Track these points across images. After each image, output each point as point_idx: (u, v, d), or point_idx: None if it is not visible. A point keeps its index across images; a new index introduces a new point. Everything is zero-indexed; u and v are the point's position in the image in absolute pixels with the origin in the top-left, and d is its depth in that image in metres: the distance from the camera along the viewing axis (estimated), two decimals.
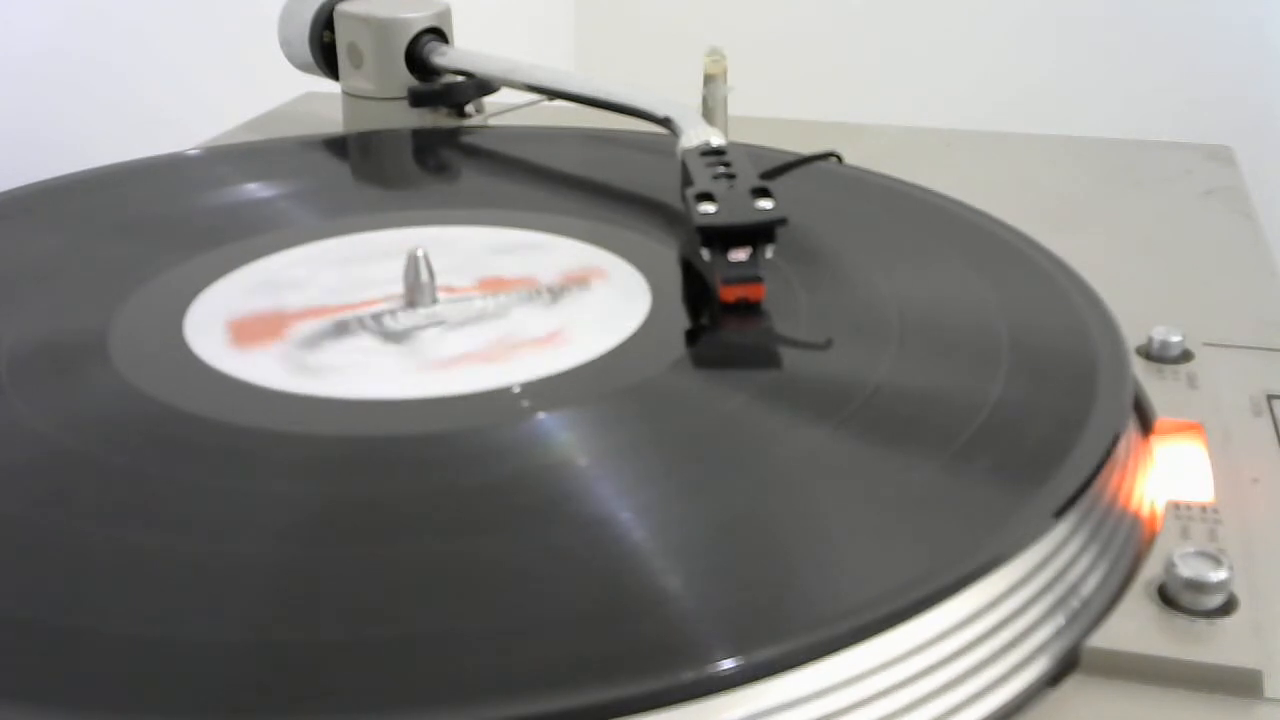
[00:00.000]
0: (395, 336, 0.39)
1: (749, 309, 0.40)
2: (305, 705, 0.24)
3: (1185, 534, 0.32)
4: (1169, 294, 0.47)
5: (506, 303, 0.41)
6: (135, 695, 0.25)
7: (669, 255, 0.45)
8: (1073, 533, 0.30)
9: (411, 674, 0.25)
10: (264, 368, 0.37)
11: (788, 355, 0.39)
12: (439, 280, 0.41)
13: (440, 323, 0.40)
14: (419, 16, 0.61)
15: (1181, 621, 0.29)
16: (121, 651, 0.26)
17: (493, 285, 0.42)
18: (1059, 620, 0.29)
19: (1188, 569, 0.29)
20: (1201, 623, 0.29)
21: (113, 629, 0.26)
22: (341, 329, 0.39)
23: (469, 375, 0.36)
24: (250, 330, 0.39)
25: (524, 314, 0.40)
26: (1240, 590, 0.29)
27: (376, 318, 0.40)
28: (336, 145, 0.59)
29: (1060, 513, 0.30)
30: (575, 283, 0.42)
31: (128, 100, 0.74)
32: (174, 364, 0.37)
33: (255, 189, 0.52)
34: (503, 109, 0.64)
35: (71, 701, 0.24)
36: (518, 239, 0.46)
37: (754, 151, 0.46)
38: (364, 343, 0.38)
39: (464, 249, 0.45)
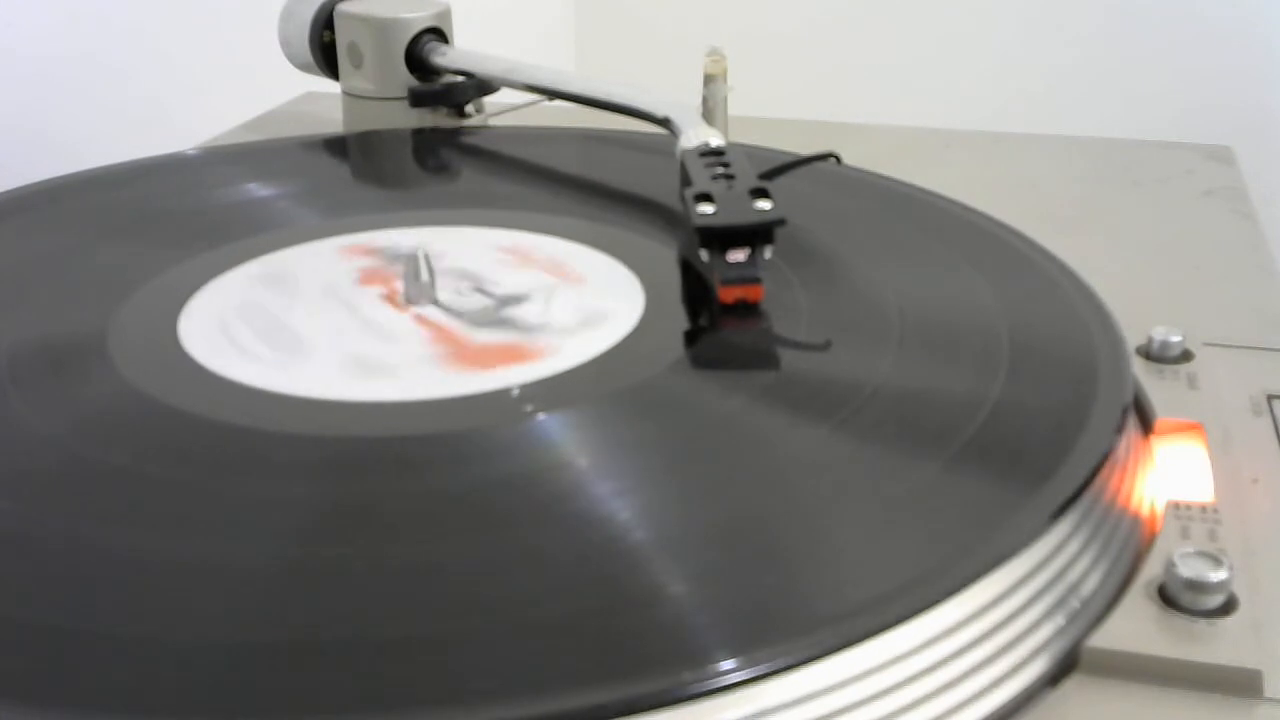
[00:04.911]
0: (506, 299, 0.40)
1: (748, 309, 0.40)
2: (303, 705, 0.24)
3: (1185, 534, 0.32)
4: (1169, 294, 0.47)
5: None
6: (134, 695, 0.25)
7: (668, 255, 0.45)
8: (1073, 533, 0.30)
9: (411, 674, 0.25)
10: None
11: (787, 356, 0.39)
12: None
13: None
14: (419, 16, 0.61)
15: (1181, 621, 0.29)
16: (120, 651, 0.26)
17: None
18: (1059, 620, 0.28)
19: (1188, 569, 0.29)
20: (1201, 623, 0.29)
21: (111, 629, 0.26)
22: (485, 318, 0.40)
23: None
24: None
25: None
26: (1240, 590, 0.29)
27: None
28: (336, 145, 0.59)
29: (1060, 513, 0.30)
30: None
31: (128, 100, 0.74)
32: (174, 364, 0.37)
33: (255, 189, 0.52)
34: (503, 109, 0.64)
35: (71, 701, 0.24)
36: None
37: (753, 152, 0.46)
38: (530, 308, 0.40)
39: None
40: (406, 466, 0.32)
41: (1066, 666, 0.28)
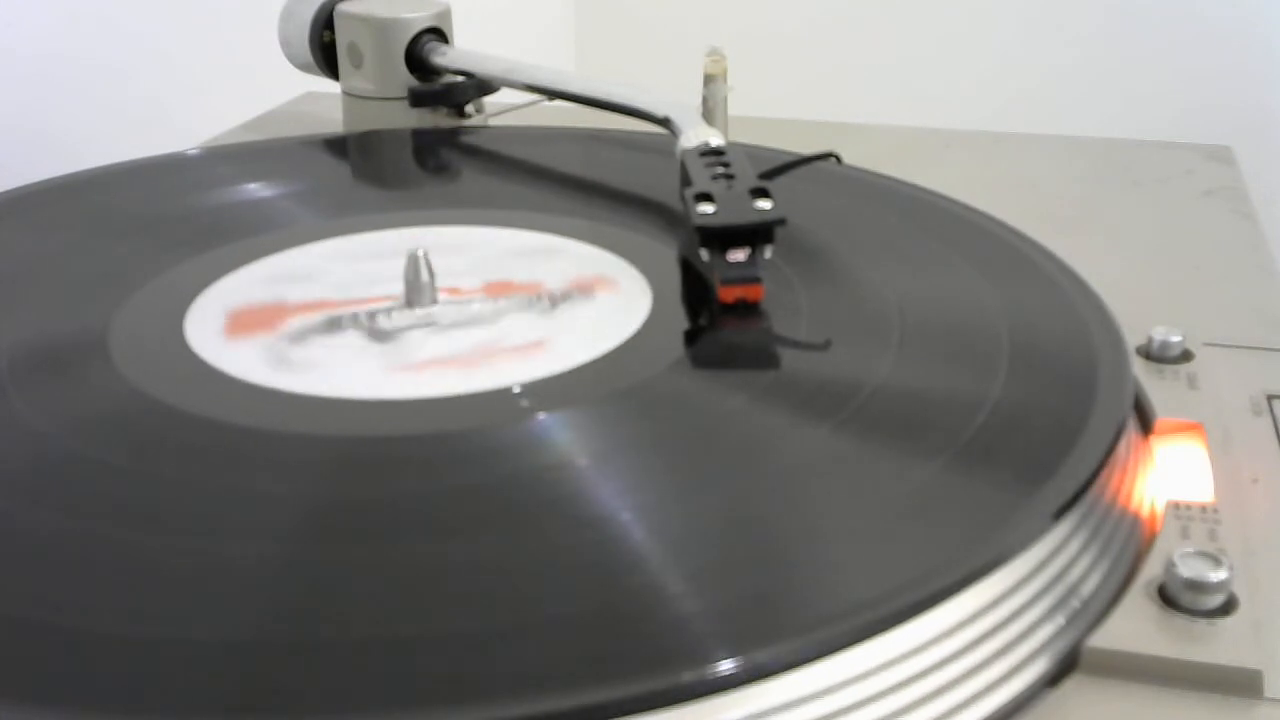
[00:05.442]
0: (382, 335, 0.39)
1: (748, 309, 0.40)
2: (305, 705, 0.24)
3: (1185, 534, 0.32)
4: (1169, 294, 0.47)
5: (504, 308, 0.41)
6: (135, 695, 0.25)
7: (668, 255, 0.45)
8: (1073, 533, 0.30)
9: (411, 674, 0.25)
10: (246, 359, 0.37)
11: (787, 355, 0.39)
12: (440, 281, 0.41)
13: (431, 324, 0.39)
14: (419, 16, 0.61)
15: (1181, 621, 0.29)
16: (121, 651, 0.26)
17: (495, 289, 0.42)
18: (1059, 620, 0.28)
19: (1188, 569, 0.29)
20: (1201, 623, 0.29)
21: (112, 629, 0.26)
22: (333, 325, 0.39)
23: (435, 380, 0.36)
24: (245, 321, 0.40)
25: (516, 320, 0.40)
26: (1240, 590, 0.29)
27: (371, 315, 0.40)
28: (336, 145, 0.59)
29: (1060, 513, 0.30)
30: (579, 289, 0.42)
31: (128, 100, 0.74)
32: (174, 364, 0.37)
33: (255, 189, 0.52)
34: (503, 109, 0.64)
35: (71, 701, 0.24)
36: (517, 239, 0.46)
37: (753, 152, 0.46)
38: (351, 340, 0.39)
39: (463, 249, 0.45)
40: (406, 466, 0.32)
41: (1066, 666, 0.28)
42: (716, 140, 0.46)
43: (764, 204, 0.40)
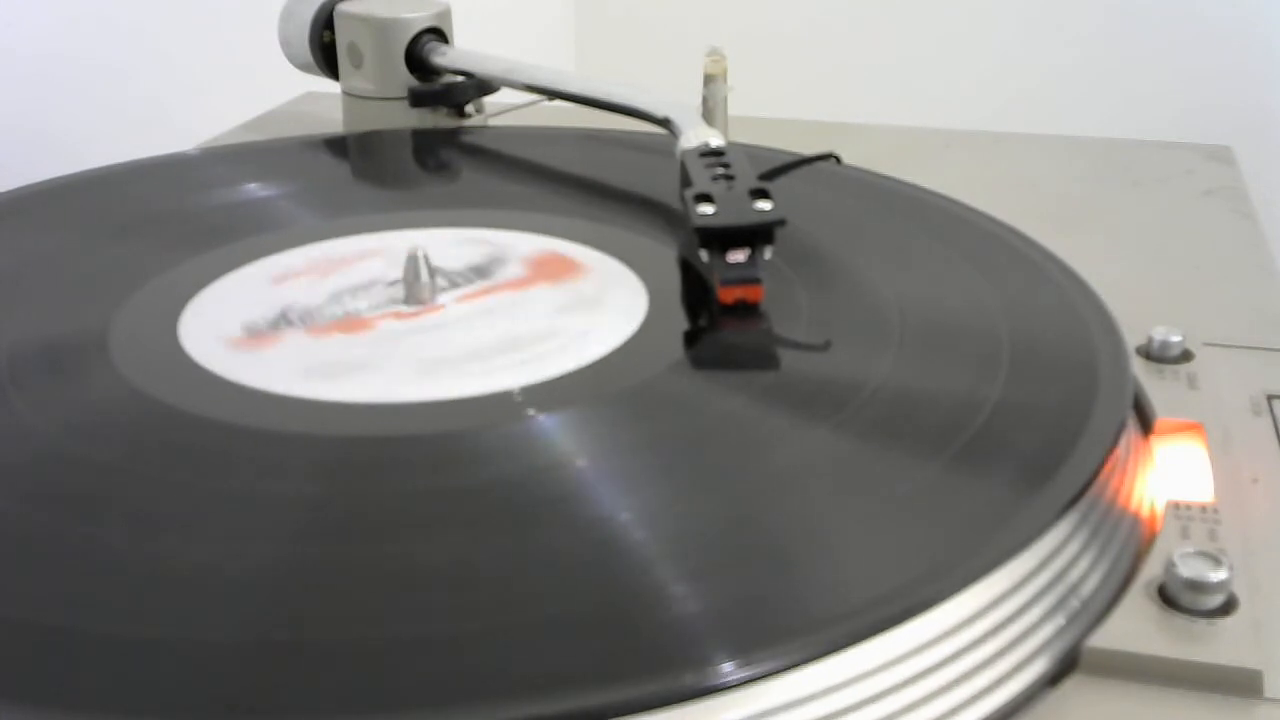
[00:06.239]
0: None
1: (748, 310, 0.40)
2: (303, 705, 0.24)
3: (1185, 534, 0.32)
4: (1169, 294, 0.47)
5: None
6: (133, 695, 0.25)
7: (668, 256, 0.45)
8: (1073, 533, 0.30)
9: (410, 675, 0.25)
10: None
11: (787, 356, 0.39)
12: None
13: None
14: (419, 16, 0.61)
15: (1181, 621, 0.29)
16: (119, 652, 0.26)
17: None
18: (1059, 620, 0.28)
19: (1188, 569, 0.29)
20: (1201, 623, 0.29)
21: (112, 629, 0.26)
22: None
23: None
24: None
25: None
26: (1240, 590, 0.29)
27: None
28: (336, 145, 0.59)
29: (1060, 513, 0.30)
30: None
31: (128, 100, 0.74)
32: (174, 364, 0.37)
33: (255, 189, 0.52)
34: (503, 109, 0.64)
35: (71, 701, 0.24)
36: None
37: (753, 152, 0.46)
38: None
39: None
40: (406, 467, 0.32)
41: (1066, 666, 0.28)
42: (716, 140, 0.46)
43: (764, 205, 0.40)
